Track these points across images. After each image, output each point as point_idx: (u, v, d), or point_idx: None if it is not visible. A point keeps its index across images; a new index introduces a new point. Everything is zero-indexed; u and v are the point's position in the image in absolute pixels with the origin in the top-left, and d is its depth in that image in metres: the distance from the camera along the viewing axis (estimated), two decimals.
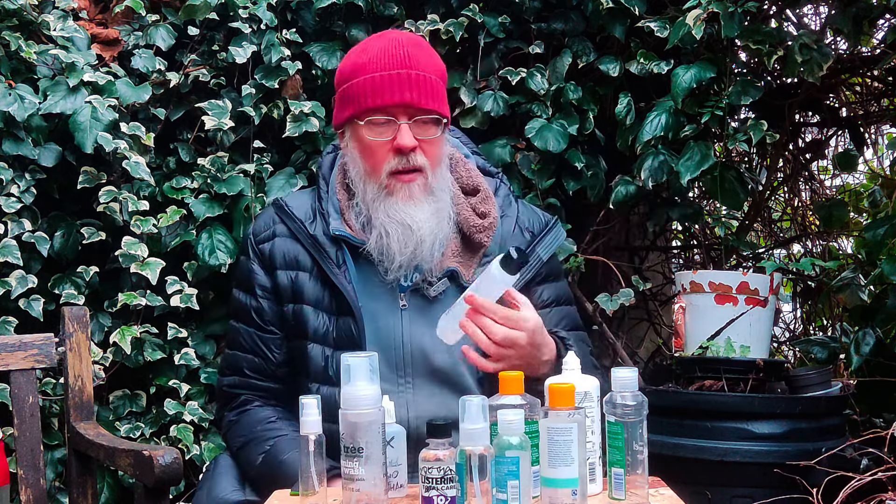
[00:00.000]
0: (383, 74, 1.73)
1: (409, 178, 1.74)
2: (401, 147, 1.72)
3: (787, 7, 3.04)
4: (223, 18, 2.81)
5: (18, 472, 2.12)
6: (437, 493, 1.27)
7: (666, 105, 2.73)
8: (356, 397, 1.34)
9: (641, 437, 1.39)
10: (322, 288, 1.77)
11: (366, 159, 1.77)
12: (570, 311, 1.92)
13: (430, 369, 1.74)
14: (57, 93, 2.56)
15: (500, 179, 1.93)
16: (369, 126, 1.75)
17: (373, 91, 1.73)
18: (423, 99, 1.73)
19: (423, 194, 1.75)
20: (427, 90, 1.74)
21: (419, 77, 1.74)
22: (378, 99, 1.73)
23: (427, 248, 1.74)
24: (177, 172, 2.78)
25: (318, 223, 1.80)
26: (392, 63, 1.73)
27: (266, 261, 1.82)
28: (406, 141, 1.72)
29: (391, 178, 1.74)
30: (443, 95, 1.80)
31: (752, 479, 2.33)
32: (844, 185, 3.97)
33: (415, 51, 1.76)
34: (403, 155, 1.73)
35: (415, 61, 1.74)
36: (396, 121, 1.73)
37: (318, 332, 1.76)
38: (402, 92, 1.72)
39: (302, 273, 1.79)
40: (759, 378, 2.51)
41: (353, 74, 1.77)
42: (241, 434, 1.79)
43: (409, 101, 1.72)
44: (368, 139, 1.75)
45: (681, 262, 3.91)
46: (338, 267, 1.76)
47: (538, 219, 1.92)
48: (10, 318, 2.51)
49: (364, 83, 1.74)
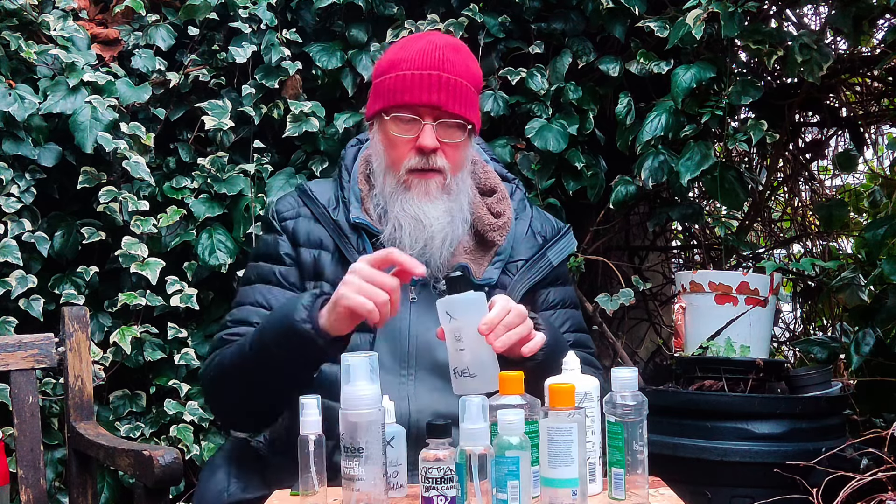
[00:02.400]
0: (415, 73, 1.76)
1: (426, 177, 1.78)
2: (422, 147, 1.76)
3: (787, 7, 3.04)
4: (223, 18, 2.81)
5: (18, 472, 2.12)
6: (437, 493, 1.27)
7: (666, 105, 2.73)
8: (356, 397, 1.34)
9: (641, 437, 1.38)
10: (342, 270, 1.77)
11: (388, 153, 1.80)
12: (576, 314, 1.94)
13: (434, 364, 1.74)
14: (57, 93, 2.57)
15: (515, 185, 1.96)
16: (395, 121, 1.78)
17: (402, 88, 1.76)
18: (451, 103, 1.76)
19: (439, 192, 1.78)
20: (456, 94, 1.77)
21: (450, 81, 1.76)
22: (407, 96, 1.76)
23: (437, 245, 1.76)
24: (177, 172, 2.78)
25: (341, 210, 1.83)
26: (426, 63, 1.76)
27: (291, 236, 1.85)
28: (427, 141, 1.75)
29: (410, 175, 1.78)
30: (473, 102, 1.82)
31: (752, 479, 2.33)
32: (844, 185, 3.98)
33: (451, 55, 1.79)
34: (424, 155, 1.76)
35: (449, 65, 1.77)
36: (422, 120, 1.76)
37: None
38: (430, 93, 1.75)
39: (325, 253, 1.81)
40: (759, 378, 2.51)
41: (388, 70, 1.80)
42: (234, 346, 1.75)
43: (436, 103, 1.75)
44: (393, 134, 1.78)
45: (681, 262, 3.92)
46: (358, 252, 1.78)
47: (551, 224, 1.95)
48: (10, 318, 2.51)
49: (396, 79, 1.77)
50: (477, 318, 1.53)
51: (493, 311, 1.55)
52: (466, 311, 1.54)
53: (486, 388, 1.51)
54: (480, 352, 1.54)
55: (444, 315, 1.55)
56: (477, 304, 1.54)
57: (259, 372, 1.66)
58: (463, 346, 1.54)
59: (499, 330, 1.54)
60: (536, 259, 1.85)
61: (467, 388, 1.53)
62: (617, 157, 2.94)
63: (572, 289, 1.98)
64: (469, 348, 1.54)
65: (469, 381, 1.55)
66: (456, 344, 1.54)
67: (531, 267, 1.84)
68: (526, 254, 1.86)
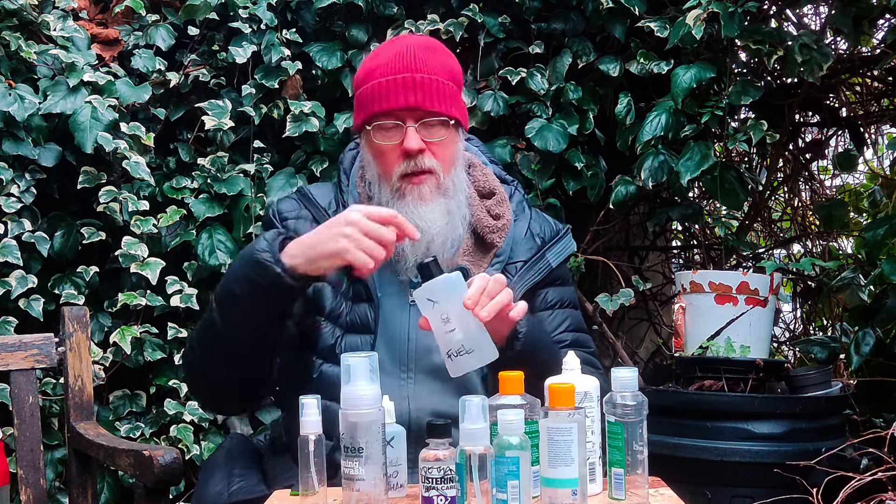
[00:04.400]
0: (389, 79, 1.75)
1: (418, 180, 1.77)
2: (407, 150, 1.75)
3: (787, 7, 3.04)
4: (223, 18, 2.81)
5: (18, 472, 2.12)
6: (437, 493, 1.27)
7: (666, 105, 2.73)
8: (356, 397, 1.34)
9: (641, 437, 1.38)
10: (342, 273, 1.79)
11: (378, 163, 1.80)
12: (575, 314, 1.93)
13: (433, 366, 1.75)
14: (57, 93, 2.57)
15: (514, 187, 1.96)
16: (378, 131, 1.77)
17: (379, 96, 1.76)
18: (429, 101, 1.75)
19: (434, 194, 1.77)
20: (433, 92, 1.76)
21: (424, 80, 1.75)
22: (385, 103, 1.75)
23: (438, 247, 1.75)
24: (177, 172, 2.78)
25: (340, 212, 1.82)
26: (398, 67, 1.75)
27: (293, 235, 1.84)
28: (412, 144, 1.74)
29: (402, 181, 1.77)
30: (453, 97, 1.80)
31: (752, 479, 2.33)
32: (844, 185, 3.98)
33: (423, 53, 1.78)
34: (412, 158, 1.75)
35: (421, 64, 1.76)
36: (404, 124, 1.75)
37: (333, 313, 1.78)
38: (406, 95, 1.74)
39: None
40: (759, 378, 2.51)
41: (364, 80, 1.80)
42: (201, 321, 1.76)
43: (414, 104, 1.74)
44: (378, 144, 1.78)
45: (681, 262, 3.92)
46: None
47: (550, 226, 1.94)
48: (10, 318, 2.51)
49: (372, 88, 1.77)
50: (460, 297, 1.54)
51: (473, 285, 1.55)
52: (448, 292, 1.54)
53: (484, 360, 1.55)
54: (471, 327, 1.54)
55: (425, 303, 1.55)
56: (457, 283, 1.55)
57: (226, 326, 1.67)
58: (452, 327, 1.54)
59: (482, 300, 1.54)
60: (535, 260, 1.86)
61: (467, 366, 1.55)
62: (617, 157, 2.93)
63: (572, 289, 1.98)
64: (459, 327, 1.54)
65: (467, 359, 1.55)
66: (444, 327, 1.54)
67: (530, 268, 1.85)
68: (525, 255, 1.86)
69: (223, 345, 1.70)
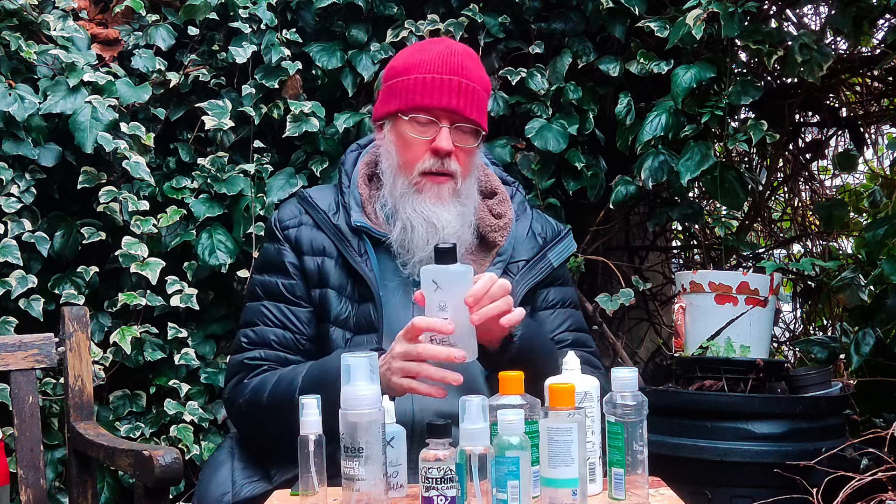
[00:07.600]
0: (435, 77, 1.79)
1: (440, 181, 1.80)
2: (438, 149, 1.78)
3: (787, 7, 3.04)
4: (223, 18, 2.81)
5: (18, 472, 2.12)
6: (437, 493, 1.27)
7: (666, 105, 2.73)
8: (356, 397, 1.34)
9: (641, 437, 1.39)
10: (345, 275, 1.81)
11: (401, 153, 1.82)
12: (576, 314, 1.94)
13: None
14: (57, 93, 2.56)
15: (515, 188, 1.99)
16: (412, 123, 1.80)
17: (423, 90, 1.79)
18: (469, 108, 1.80)
19: (451, 197, 1.80)
20: (473, 101, 1.80)
21: (468, 87, 1.80)
22: (427, 99, 1.79)
23: None
24: (177, 172, 2.78)
25: (341, 215, 1.85)
26: (446, 68, 1.79)
27: (294, 245, 1.86)
28: (444, 144, 1.78)
29: (422, 177, 1.80)
30: (485, 109, 1.86)
31: (752, 479, 2.33)
32: (844, 185, 3.97)
33: (468, 62, 1.83)
34: (439, 157, 1.79)
35: (467, 71, 1.81)
36: (439, 123, 1.79)
37: (340, 317, 1.79)
38: (450, 97, 1.78)
39: (328, 259, 1.83)
40: (759, 378, 2.51)
41: (406, 71, 1.83)
42: (271, 380, 1.75)
43: (455, 108, 1.78)
44: (408, 135, 1.81)
45: (681, 262, 3.92)
46: (360, 256, 1.80)
47: (551, 227, 1.96)
48: (10, 318, 2.51)
49: (416, 81, 1.80)
50: (463, 291, 1.54)
51: (478, 283, 1.55)
52: (454, 282, 1.54)
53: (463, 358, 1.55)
54: (464, 323, 1.54)
55: (429, 282, 1.54)
56: (465, 277, 1.55)
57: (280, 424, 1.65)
58: (446, 316, 1.54)
59: (483, 301, 1.55)
60: (537, 260, 1.87)
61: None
62: (617, 157, 2.93)
63: (573, 289, 1.99)
64: (452, 319, 1.54)
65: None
66: (439, 313, 1.54)
67: (532, 267, 1.86)
68: (526, 254, 1.87)
69: (273, 428, 1.70)
